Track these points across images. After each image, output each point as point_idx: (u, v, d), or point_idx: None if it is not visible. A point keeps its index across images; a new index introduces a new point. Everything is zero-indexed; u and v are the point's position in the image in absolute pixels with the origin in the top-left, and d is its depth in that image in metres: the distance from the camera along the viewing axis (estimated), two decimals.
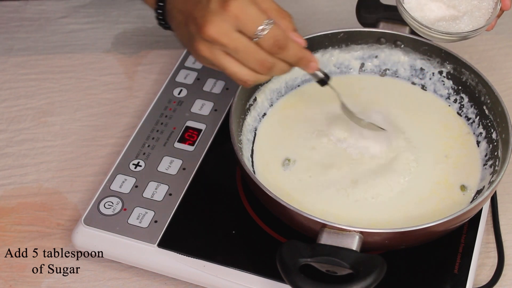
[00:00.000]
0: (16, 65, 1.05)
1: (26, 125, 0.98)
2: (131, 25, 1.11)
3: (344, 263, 0.71)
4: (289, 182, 0.83)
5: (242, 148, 0.84)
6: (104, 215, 0.84)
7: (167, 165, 0.88)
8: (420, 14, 0.85)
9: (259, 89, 0.89)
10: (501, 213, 0.88)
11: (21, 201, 0.90)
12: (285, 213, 0.76)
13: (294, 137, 0.87)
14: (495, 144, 0.84)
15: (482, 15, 0.83)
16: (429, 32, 0.83)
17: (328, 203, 0.81)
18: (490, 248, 0.85)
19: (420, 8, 0.85)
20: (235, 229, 0.83)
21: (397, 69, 0.93)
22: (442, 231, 0.76)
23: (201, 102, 0.95)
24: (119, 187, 0.86)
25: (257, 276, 0.79)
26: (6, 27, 1.10)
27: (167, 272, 0.82)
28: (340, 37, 0.91)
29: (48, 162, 0.94)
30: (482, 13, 0.83)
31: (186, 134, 0.91)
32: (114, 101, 1.01)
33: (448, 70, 0.90)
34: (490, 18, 0.83)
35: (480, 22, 0.83)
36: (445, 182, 0.83)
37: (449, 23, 0.84)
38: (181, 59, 1.00)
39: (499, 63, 1.04)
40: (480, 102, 0.87)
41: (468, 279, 0.79)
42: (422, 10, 0.85)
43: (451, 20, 0.84)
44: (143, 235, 0.82)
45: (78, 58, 1.06)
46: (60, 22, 1.11)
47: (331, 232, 0.73)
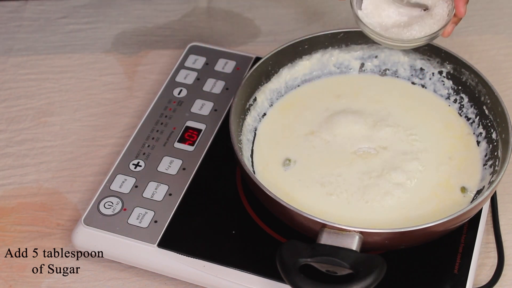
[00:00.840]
0: (16, 65, 1.05)
1: (26, 125, 0.98)
2: (131, 25, 1.11)
3: (344, 263, 0.71)
4: (289, 182, 0.83)
5: (242, 148, 0.84)
6: (104, 215, 0.84)
7: (167, 165, 0.88)
8: (378, 20, 0.84)
9: (259, 89, 0.89)
10: (501, 213, 0.88)
11: (21, 201, 0.90)
12: (285, 213, 0.76)
13: (294, 137, 0.87)
14: (495, 144, 0.84)
15: (436, 22, 0.82)
16: (380, 38, 0.82)
17: (328, 203, 0.81)
18: (490, 248, 0.85)
19: (377, 14, 0.84)
20: (235, 229, 0.83)
21: (397, 69, 0.93)
22: (442, 231, 0.76)
23: (201, 102, 0.95)
24: (119, 187, 0.86)
25: (257, 276, 0.79)
26: (6, 27, 1.10)
27: (167, 272, 0.82)
28: (340, 37, 0.91)
29: (48, 162, 0.94)
30: (437, 20, 0.82)
31: (186, 134, 0.91)
32: (114, 101, 1.01)
33: (448, 70, 0.90)
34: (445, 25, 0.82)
35: (433, 29, 0.82)
36: (446, 184, 0.83)
37: (402, 30, 0.83)
38: (181, 59, 1.00)
39: (499, 63, 1.04)
40: (480, 102, 0.87)
41: (468, 279, 0.79)
42: (380, 16, 0.84)
43: (404, 27, 0.83)
44: (143, 235, 0.82)
45: (78, 58, 1.06)
46: (60, 22, 1.11)
47: (331, 232, 0.73)
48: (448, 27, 0.82)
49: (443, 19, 0.81)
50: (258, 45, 1.07)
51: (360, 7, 0.83)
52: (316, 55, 0.92)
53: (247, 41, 1.08)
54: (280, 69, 0.91)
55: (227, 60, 0.99)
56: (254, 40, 1.08)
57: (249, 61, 0.99)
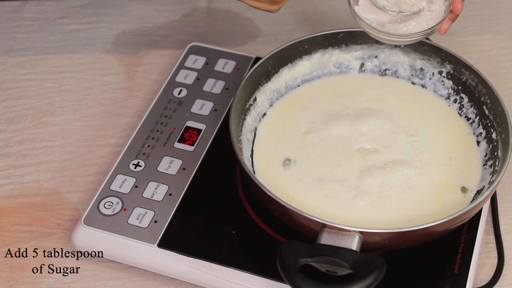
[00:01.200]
0: (16, 65, 1.05)
1: (26, 125, 0.98)
2: (131, 25, 1.11)
3: (344, 263, 0.71)
4: (289, 182, 0.83)
5: (242, 148, 0.84)
6: (104, 215, 0.84)
7: (167, 165, 0.88)
8: (374, 16, 0.84)
9: (259, 89, 0.89)
10: (501, 213, 0.88)
11: (21, 201, 0.90)
12: (285, 213, 0.76)
13: (294, 137, 0.87)
14: (495, 144, 0.84)
15: (433, 18, 0.82)
16: (377, 33, 0.83)
17: (328, 203, 0.81)
18: (490, 248, 0.85)
19: (374, 10, 0.84)
20: (235, 229, 0.83)
21: (397, 69, 0.93)
22: (442, 231, 0.76)
23: (201, 102, 0.95)
24: (119, 187, 0.86)
25: (257, 276, 0.79)
26: (6, 27, 1.10)
27: (167, 272, 0.82)
28: (340, 37, 0.91)
29: (48, 162, 0.94)
30: (434, 16, 0.82)
31: (186, 134, 0.91)
32: (114, 101, 1.01)
33: (448, 70, 0.90)
34: (442, 21, 0.82)
35: (429, 24, 0.82)
36: (447, 184, 0.83)
37: (398, 25, 0.83)
38: (181, 59, 1.00)
39: (499, 63, 1.04)
40: (480, 102, 0.87)
41: (468, 279, 0.79)
42: (376, 12, 0.84)
43: (400, 22, 0.83)
44: (143, 235, 0.82)
45: (78, 58, 1.06)
46: (60, 22, 1.11)
47: (331, 232, 0.73)
48: (445, 23, 0.82)
49: (440, 15, 0.82)
50: (258, 45, 1.07)
51: (357, 3, 0.83)
52: (316, 55, 0.92)
53: (247, 41, 1.08)
54: (280, 69, 0.91)
55: (227, 60, 0.99)
56: (254, 40, 1.08)
57: (249, 61, 0.99)
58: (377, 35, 0.83)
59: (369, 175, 0.82)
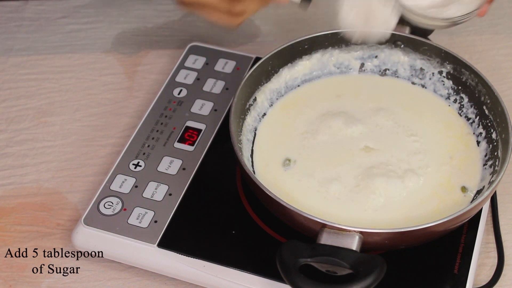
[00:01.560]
0: (16, 65, 1.05)
1: (26, 125, 0.98)
2: (131, 25, 1.11)
3: (344, 263, 0.71)
4: (289, 182, 0.83)
5: (242, 148, 0.84)
6: (104, 215, 0.84)
7: (167, 165, 0.88)
8: (412, 3, 0.84)
9: (259, 89, 0.89)
10: (501, 213, 0.88)
11: (21, 201, 0.90)
12: (285, 213, 0.76)
13: (294, 137, 0.87)
14: (495, 144, 0.84)
15: (472, 2, 0.83)
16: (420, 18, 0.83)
17: (328, 203, 0.81)
18: (490, 248, 0.85)
19: None
20: (235, 229, 0.83)
21: (397, 69, 0.93)
22: (442, 231, 0.76)
23: (201, 102, 0.95)
24: (119, 187, 0.86)
25: (257, 276, 0.79)
26: (6, 27, 1.10)
27: (167, 272, 0.82)
28: (340, 37, 0.91)
29: (48, 162, 0.94)
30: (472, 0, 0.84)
31: (186, 134, 0.91)
32: (114, 101, 1.01)
33: (448, 70, 0.90)
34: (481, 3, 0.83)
35: (470, 8, 0.83)
36: (447, 184, 0.83)
37: (440, 10, 0.84)
38: (181, 59, 1.00)
39: (499, 63, 1.04)
40: (480, 102, 0.87)
41: (468, 279, 0.79)
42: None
43: (441, 7, 0.84)
44: (143, 235, 0.82)
45: (78, 58, 1.06)
46: (60, 22, 1.11)
47: (331, 232, 0.73)
48: (484, 7, 0.83)
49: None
50: (258, 45, 1.07)
51: None
52: (316, 55, 0.92)
53: (247, 41, 1.08)
54: (280, 69, 0.91)
55: (227, 60, 0.99)
56: (254, 40, 1.08)
57: (249, 61, 0.99)
58: (421, 20, 0.83)
59: (369, 175, 0.82)
